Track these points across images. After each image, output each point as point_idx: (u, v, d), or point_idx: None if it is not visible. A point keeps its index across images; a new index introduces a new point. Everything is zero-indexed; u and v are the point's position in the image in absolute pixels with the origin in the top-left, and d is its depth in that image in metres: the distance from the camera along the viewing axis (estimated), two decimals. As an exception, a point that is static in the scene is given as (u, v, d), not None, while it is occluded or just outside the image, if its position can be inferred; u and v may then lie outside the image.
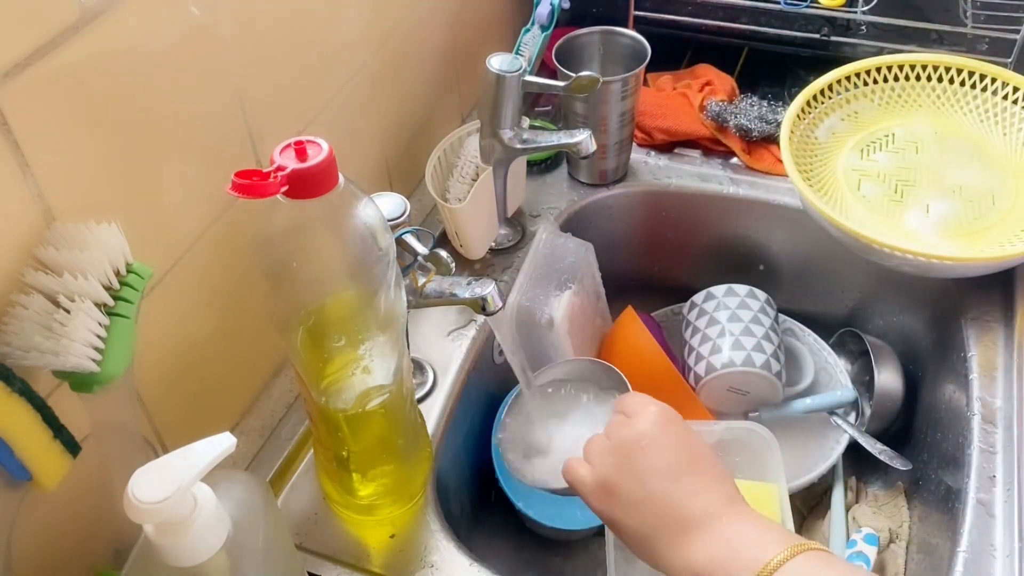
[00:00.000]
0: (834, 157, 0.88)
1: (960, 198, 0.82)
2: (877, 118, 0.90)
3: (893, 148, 0.87)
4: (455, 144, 0.88)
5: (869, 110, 0.91)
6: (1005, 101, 0.86)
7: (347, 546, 0.66)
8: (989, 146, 0.86)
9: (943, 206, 0.81)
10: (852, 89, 0.90)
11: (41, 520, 0.54)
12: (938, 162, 0.85)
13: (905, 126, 0.89)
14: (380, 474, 0.65)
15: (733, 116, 0.98)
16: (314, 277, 0.52)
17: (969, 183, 0.83)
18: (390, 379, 0.59)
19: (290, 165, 0.46)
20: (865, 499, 0.87)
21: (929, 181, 0.84)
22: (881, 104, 0.90)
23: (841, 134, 0.89)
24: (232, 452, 0.43)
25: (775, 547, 0.47)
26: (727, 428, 0.73)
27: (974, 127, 0.87)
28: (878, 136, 0.89)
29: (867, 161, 0.87)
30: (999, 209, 0.80)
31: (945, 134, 0.87)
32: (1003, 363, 0.75)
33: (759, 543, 0.49)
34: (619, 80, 0.88)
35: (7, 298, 0.47)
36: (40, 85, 0.47)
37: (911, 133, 0.88)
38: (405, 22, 0.85)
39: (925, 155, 0.86)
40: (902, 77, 0.90)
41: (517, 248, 0.91)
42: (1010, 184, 0.82)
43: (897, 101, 0.90)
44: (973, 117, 0.88)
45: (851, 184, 0.85)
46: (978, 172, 0.84)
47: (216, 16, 0.59)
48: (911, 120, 0.89)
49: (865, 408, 0.90)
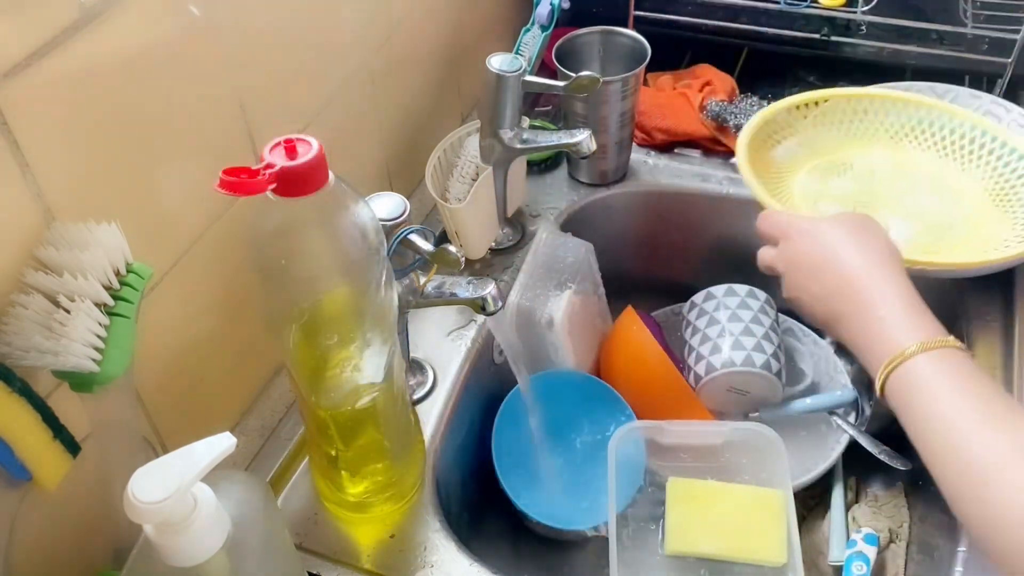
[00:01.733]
0: (791, 177, 0.86)
1: (920, 222, 0.80)
2: (835, 147, 0.88)
3: (852, 176, 0.86)
4: (455, 144, 0.88)
5: (827, 139, 0.89)
6: (963, 140, 0.85)
7: (347, 546, 0.66)
8: (947, 179, 0.84)
9: (903, 227, 0.79)
10: (810, 116, 0.88)
11: (41, 520, 0.54)
12: (897, 190, 0.84)
13: (863, 156, 0.87)
14: (371, 472, 0.65)
15: (733, 116, 0.98)
16: (305, 275, 0.52)
17: (929, 210, 0.82)
18: (381, 377, 0.59)
19: (279, 163, 0.46)
20: (865, 499, 0.87)
21: (888, 205, 0.83)
22: (840, 134, 0.89)
23: (800, 158, 0.88)
24: (232, 452, 0.43)
25: (912, 336, 0.56)
26: (734, 429, 0.73)
27: (932, 161, 0.86)
28: (836, 164, 0.88)
29: (824, 185, 0.86)
30: (957, 234, 0.79)
31: (904, 165, 0.86)
32: (1003, 363, 0.75)
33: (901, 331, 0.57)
34: (619, 80, 0.88)
35: (7, 298, 0.47)
36: (40, 85, 0.47)
37: (869, 163, 0.87)
38: (405, 22, 0.85)
39: (883, 184, 0.85)
40: (860, 110, 0.88)
41: (517, 248, 0.91)
42: (969, 215, 0.81)
43: (856, 131, 0.89)
44: (932, 153, 0.87)
45: (809, 202, 0.83)
46: (937, 201, 0.83)
47: (216, 16, 0.59)
48: (869, 151, 0.88)
49: (865, 408, 0.90)
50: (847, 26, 1.05)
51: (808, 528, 0.88)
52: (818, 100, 0.88)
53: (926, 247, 0.78)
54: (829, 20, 1.04)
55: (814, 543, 0.87)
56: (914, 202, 0.83)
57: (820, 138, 0.89)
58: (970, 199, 0.82)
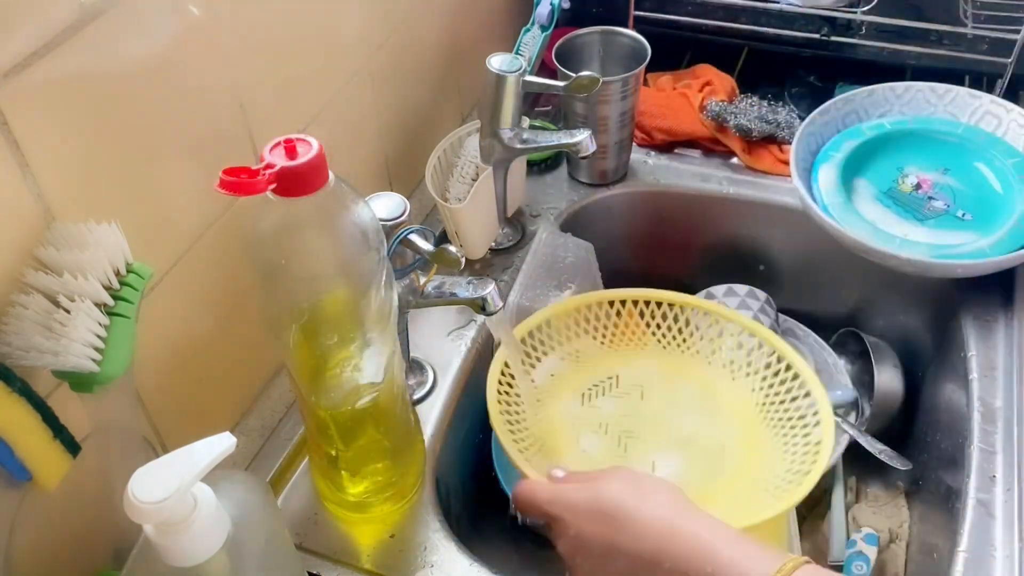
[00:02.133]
0: (552, 404, 0.76)
1: (688, 452, 0.72)
2: (600, 358, 0.79)
3: (617, 392, 0.77)
4: (455, 144, 0.88)
5: (592, 349, 0.80)
6: (732, 348, 0.78)
7: (347, 546, 0.66)
8: (717, 391, 0.76)
9: (670, 462, 0.71)
10: (574, 326, 0.79)
11: (41, 520, 0.54)
12: (664, 410, 0.76)
13: (630, 367, 0.79)
14: (371, 472, 0.65)
15: (733, 116, 0.98)
16: (305, 275, 0.52)
17: (697, 435, 0.73)
18: (380, 377, 0.59)
19: (279, 163, 0.46)
20: (865, 499, 0.87)
21: (655, 432, 0.74)
22: (605, 343, 0.80)
23: (561, 377, 0.78)
24: (232, 452, 0.43)
25: (767, 566, 0.48)
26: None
27: (701, 369, 0.78)
28: (601, 378, 0.78)
29: (588, 407, 0.76)
30: (727, 468, 0.71)
31: (671, 377, 0.78)
32: (1003, 363, 0.75)
33: (754, 563, 0.49)
34: (619, 80, 0.88)
35: (7, 298, 0.47)
36: (40, 85, 0.47)
37: (636, 376, 0.78)
38: (405, 22, 0.85)
39: (650, 401, 0.76)
40: (624, 313, 0.80)
41: (517, 248, 0.91)
42: (738, 436, 0.73)
43: (621, 338, 0.81)
44: (700, 359, 0.79)
45: (571, 439, 0.73)
46: (706, 421, 0.75)
47: (216, 16, 0.59)
48: (636, 361, 0.79)
49: (865, 408, 0.91)
50: (847, 26, 1.05)
51: (808, 528, 0.88)
52: (589, 304, 0.80)
53: (697, 487, 0.67)
54: (829, 20, 1.04)
55: (814, 543, 0.87)
56: (682, 425, 0.74)
57: (585, 350, 0.80)
58: (740, 414, 0.75)
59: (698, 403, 0.76)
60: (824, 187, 0.86)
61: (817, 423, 0.68)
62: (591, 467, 0.62)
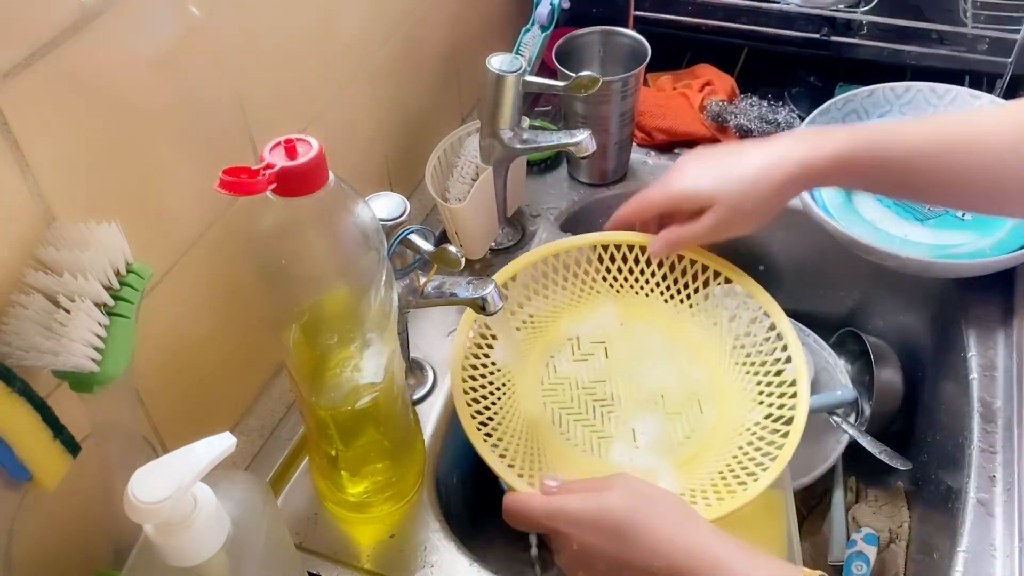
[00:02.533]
0: (520, 384, 0.71)
1: (663, 411, 0.70)
2: (555, 319, 0.75)
3: (580, 355, 0.73)
4: (455, 144, 0.88)
5: (544, 311, 0.76)
6: (685, 277, 0.75)
7: (347, 546, 0.66)
8: (680, 332, 0.73)
9: (650, 426, 0.69)
10: (522, 290, 0.75)
11: (41, 520, 0.54)
12: (632, 365, 0.72)
13: (587, 322, 0.74)
14: (371, 472, 0.65)
15: (733, 116, 0.98)
16: (305, 275, 0.52)
17: (669, 388, 0.70)
18: (380, 377, 0.59)
19: (279, 163, 0.46)
20: (865, 499, 0.87)
21: (628, 393, 0.70)
22: (557, 300, 0.76)
23: (524, 346, 0.74)
24: (232, 452, 0.43)
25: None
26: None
27: (660, 310, 0.75)
28: (561, 343, 0.74)
29: (556, 381, 0.71)
30: (706, 421, 0.69)
31: (631, 325, 0.74)
32: (1003, 363, 0.75)
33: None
34: (619, 80, 0.88)
35: (7, 298, 0.47)
36: (40, 85, 0.47)
37: (595, 332, 0.74)
38: (405, 22, 0.85)
39: (616, 358, 0.72)
40: (572, 264, 0.76)
41: (517, 248, 0.91)
42: (710, 383, 0.71)
43: (572, 291, 0.77)
44: (656, 298, 0.76)
45: (548, 426, 0.69)
46: (675, 370, 0.72)
47: (216, 16, 0.59)
48: (592, 314, 0.75)
49: (865, 408, 0.90)
50: (847, 26, 1.05)
51: (808, 528, 0.88)
52: (534, 262, 0.75)
53: (680, 450, 0.67)
54: (829, 20, 1.04)
55: (814, 543, 0.87)
56: (652, 380, 0.71)
57: (539, 313, 0.76)
58: (705, 357, 0.73)
59: (663, 351, 0.73)
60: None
61: (788, 359, 0.69)
62: (577, 455, 0.64)
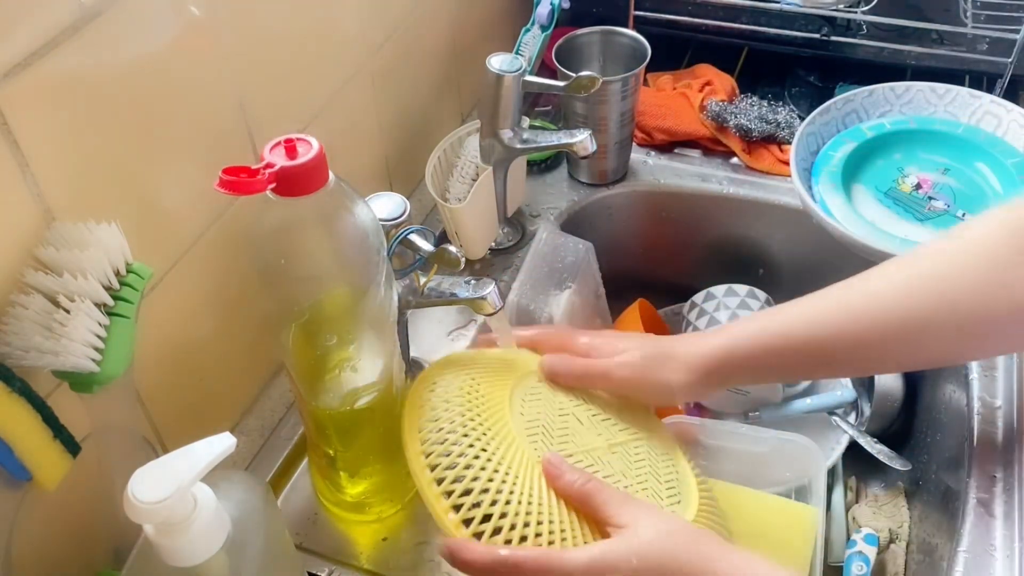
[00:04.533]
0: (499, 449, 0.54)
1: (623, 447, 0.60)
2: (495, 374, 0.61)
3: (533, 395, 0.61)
4: (455, 144, 0.88)
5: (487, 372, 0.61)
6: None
7: (346, 546, 0.66)
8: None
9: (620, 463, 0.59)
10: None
11: (41, 520, 0.54)
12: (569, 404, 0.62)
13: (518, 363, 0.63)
14: (370, 473, 0.65)
15: (733, 116, 0.98)
16: (305, 275, 0.52)
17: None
18: (379, 378, 0.59)
19: (279, 162, 0.46)
20: (865, 499, 0.87)
21: (585, 433, 0.60)
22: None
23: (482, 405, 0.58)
24: (232, 452, 0.43)
25: None
26: (777, 437, 0.71)
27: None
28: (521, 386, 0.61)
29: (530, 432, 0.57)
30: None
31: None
32: (1003, 363, 0.75)
33: None
34: (619, 80, 0.88)
35: (7, 298, 0.47)
36: (40, 85, 0.47)
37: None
38: (405, 22, 0.85)
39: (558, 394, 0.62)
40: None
41: (517, 248, 0.91)
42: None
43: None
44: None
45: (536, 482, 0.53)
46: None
47: (216, 16, 0.59)
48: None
49: (865, 408, 0.90)
50: (847, 26, 1.05)
51: (808, 528, 0.88)
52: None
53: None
54: (829, 20, 1.04)
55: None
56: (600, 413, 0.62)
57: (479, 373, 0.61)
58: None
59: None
60: (824, 187, 0.86)
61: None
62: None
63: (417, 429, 0.55)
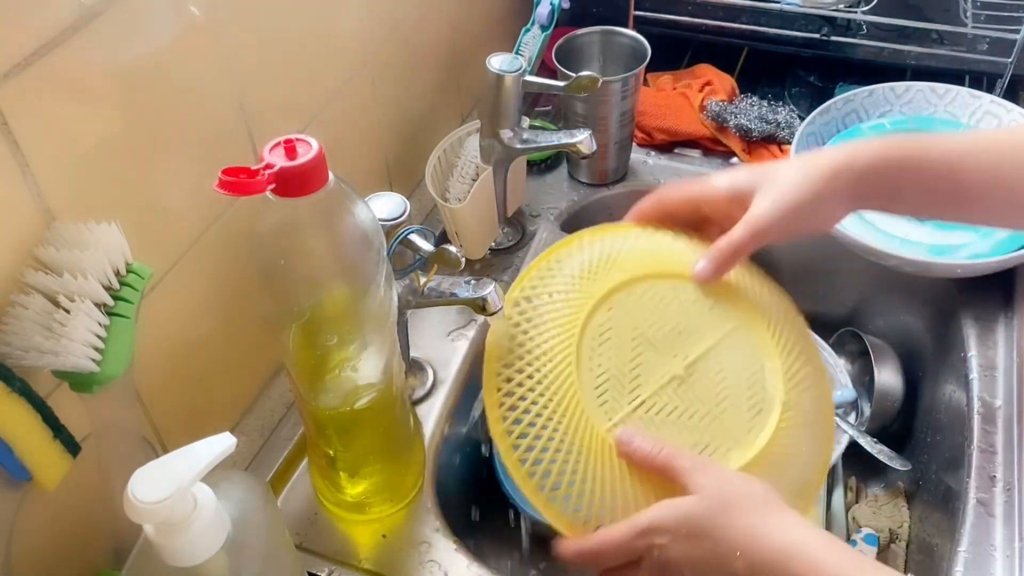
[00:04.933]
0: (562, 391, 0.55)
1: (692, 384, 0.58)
2: (580, 292, 0.60)
3: (609, 337, 0.58)
4: (455, 144, 0.88)
5: (569, 284, 0.61)
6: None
7: (346, 546, 0.66)
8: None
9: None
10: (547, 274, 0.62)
11: (41, 520, 0.54)
12: (668, 340, 0.59)
13: (610, 298, 0.60)
14: (369, 473, 0.65)
15: (733, 116, 0.98)
16: (305, 275, 0.52)
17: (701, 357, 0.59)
18: (379, 378, 0.59)
19: (278, 163, 0.46)
20: (865, 499, 0.87)
21: (665, 368, 0.58)
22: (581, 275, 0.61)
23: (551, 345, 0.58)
24: (232, 452, 0.43)
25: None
26: None
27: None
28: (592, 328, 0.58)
29: (593, 377, 0.56)
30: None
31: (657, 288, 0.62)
32: (1003, 363, 0.75)
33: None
34: (619, 80, 0.88)
35: (7, 298, 0.47)
36: (40, 85, 0.47)
37: (619, 312, 0.59)
38: (405, 22, 0.85)
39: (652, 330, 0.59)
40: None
41: (517, 248, 0.91)
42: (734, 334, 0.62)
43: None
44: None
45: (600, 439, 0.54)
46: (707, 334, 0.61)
47: (216, 16, 0.59)
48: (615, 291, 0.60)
49: (865, 408, 0.90)
50: (847, 26, 1.05)
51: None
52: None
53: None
54: (829, 20, 1.04)
55: (814, 543, 0.86)
56: (688, 352, 0.59)
57: (561, 287, 0.61)
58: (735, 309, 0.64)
59: (696, 313, 0.62)
60: (824, 187, 0.86)
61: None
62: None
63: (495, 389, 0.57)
